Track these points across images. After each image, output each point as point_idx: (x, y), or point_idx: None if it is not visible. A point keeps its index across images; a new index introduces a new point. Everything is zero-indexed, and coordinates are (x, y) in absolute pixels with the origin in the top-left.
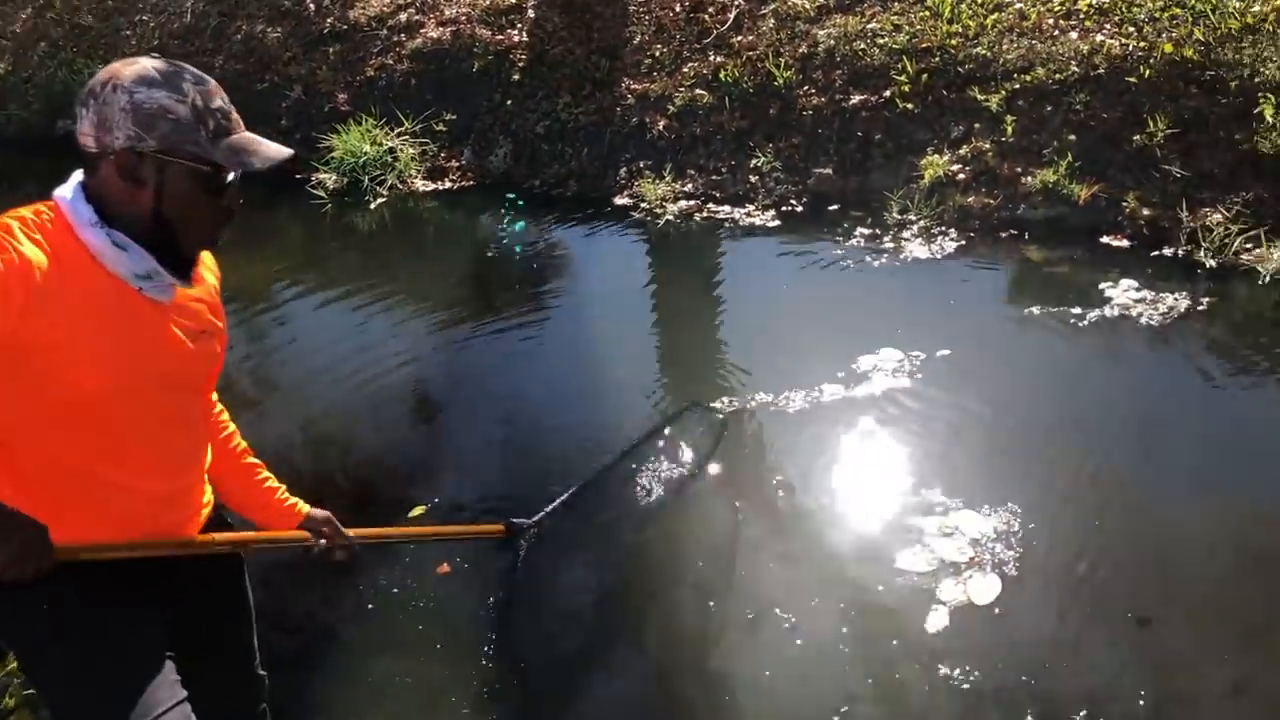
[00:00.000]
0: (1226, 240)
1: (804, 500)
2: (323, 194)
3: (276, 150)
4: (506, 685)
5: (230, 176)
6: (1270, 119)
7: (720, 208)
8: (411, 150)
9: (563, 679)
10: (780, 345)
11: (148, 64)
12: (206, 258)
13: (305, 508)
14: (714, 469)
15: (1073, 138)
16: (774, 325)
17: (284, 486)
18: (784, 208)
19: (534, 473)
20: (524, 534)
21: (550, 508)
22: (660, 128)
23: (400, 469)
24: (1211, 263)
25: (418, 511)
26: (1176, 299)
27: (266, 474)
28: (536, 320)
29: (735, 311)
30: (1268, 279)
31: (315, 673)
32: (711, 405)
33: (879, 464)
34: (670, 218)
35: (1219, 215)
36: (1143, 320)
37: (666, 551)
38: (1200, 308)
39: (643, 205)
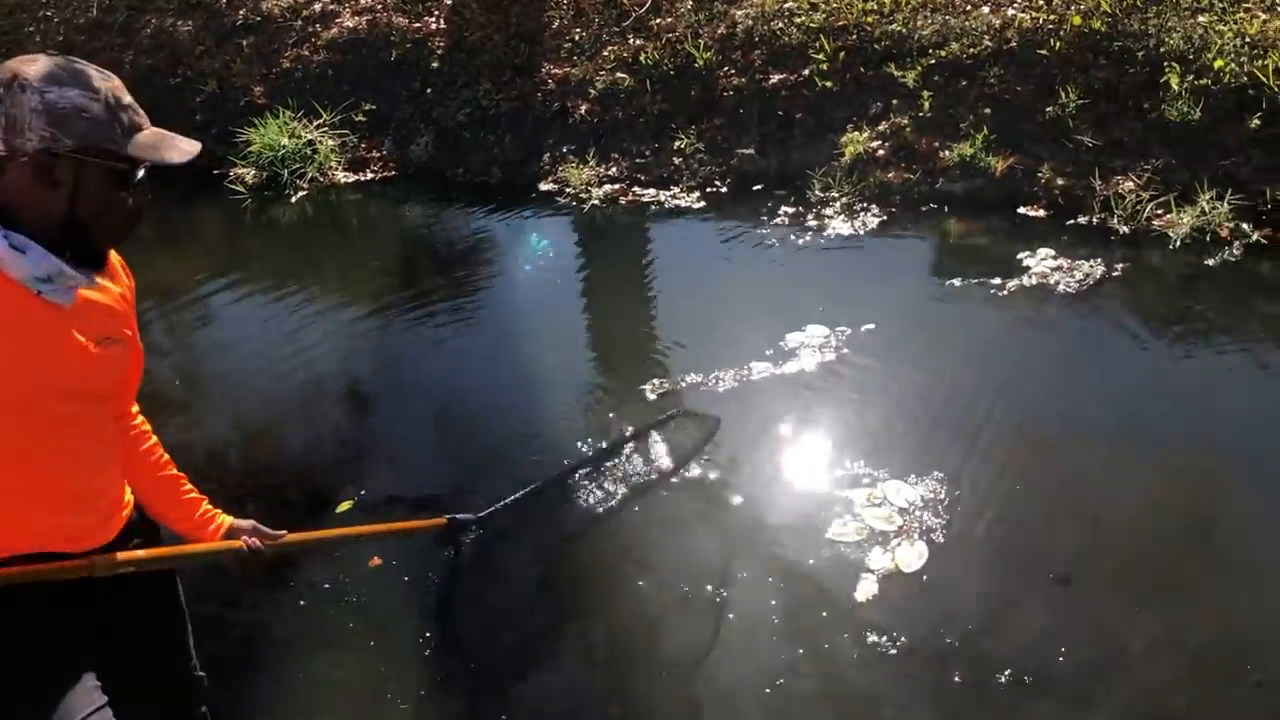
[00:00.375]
0: (1138, 207)
1: (735, 476)
2: (242, 189)
3: (190, 144)
4: (445, 677)
5: (140, 173)
6: (1176, 88)
7: (645, 191)
8: (331, 142)
9: (501, 669)
10: (709, 325)
11: (48, 61)
12: (119, 262)
13: (228, 520)
14: (647, 451)
15: (988, 111)
16: (702, 306)
17: (206, 499)
18: (708, 189)
19: (468, 461)
20: (466, 530)
21: (496, 506)
22: (582, 112)
23: (332, 464)
24: (1124, 229)
25: (345, 506)
26: (1092, 266)
27: (189, 487)
28: (466, 309)
29: (664, 293)
30: (1178, 243)
31: (253, 672)
32: (697, 412)
33: (808, 438)
34: (596, 202)
35: (1130, 183)
36: (1060, 288)
37: (599, 534)
38: (1115, 273)
39: (568, 190)
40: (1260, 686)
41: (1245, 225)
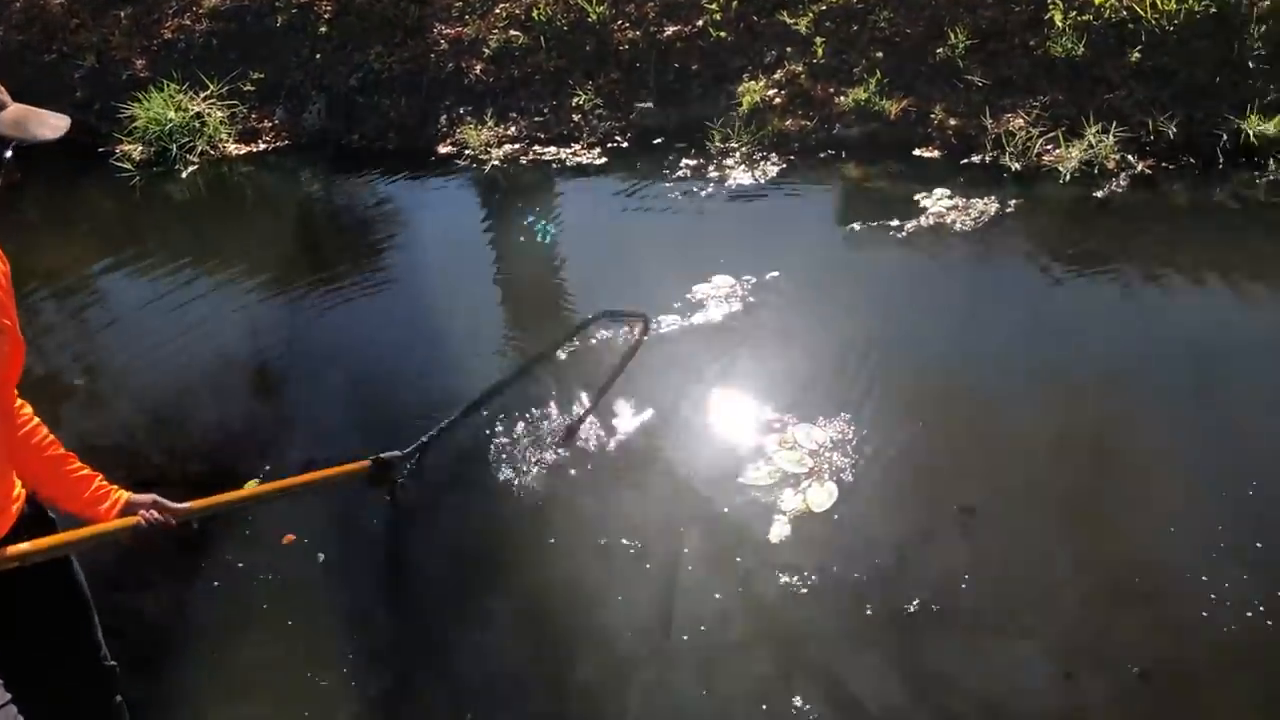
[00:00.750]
0: (1028, 144)
1: (648, 428)
2: (129, 166)
3: (59, 119)
4: (365, 652)
5: (8, 153)
6: (1060, 24)
7: (546, 149)
8: (220, 114)
9: (424, 637)
10: (616, 281)
11: None
12: None
13: (125, 495)
14: (563, 403)
15: (880, 55)
16: (609, 262)
17: (100, 475)
18: (609, 144)
19: (384, 425)
20: (394, 470)
21: (423, 439)
22: (477, 72)
23: (245, 441)
24: (1016, 166)
25: (251, 485)
26: (987, 204)
27: (78, 464)
28: (373, 278)
29: (570, 251)
30: (1068, 178)
31: (170, 659)
32: (621, 310)
33: (719, 387)
34: (496, 163)
35: (1020, 120)
36: (957, 227)
37: (514, 493)
38: (1009, 210)
39: (467, 152)
40: (1149, 599)
41: (1130, 157)
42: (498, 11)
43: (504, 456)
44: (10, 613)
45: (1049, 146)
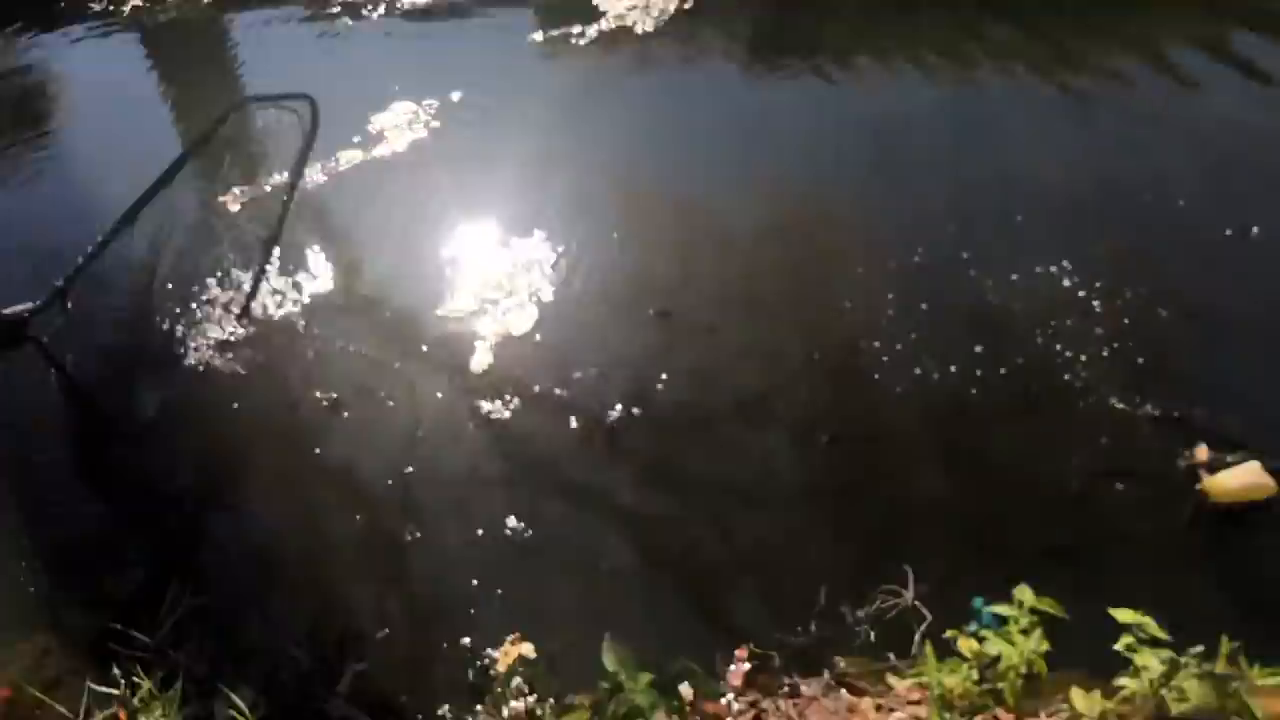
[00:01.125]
0: None
1: (336, 270)
2: None
3: None
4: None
5: None
6: None
7: None
8: None
9: (122, 524)
10: (287, 122)
11: None
12: None
13: None
14: (242, 247)
15: None
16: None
17: None
18: None
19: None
20: (28, 326)
21: (56, 285)
22: None
23: None
24: None
25: None
26: (667, 1)
27: None
28: (33, 148)
29: (231, 94)
30: None
31: None
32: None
33: (408, 220)
34: (138, 3)
35: None
36: (639, 29)
37: (201, 358)
38: (688, 5)
39: None
40: (834, 372)
41: None
42: None
43: (182, 315)
44: None
45: None
